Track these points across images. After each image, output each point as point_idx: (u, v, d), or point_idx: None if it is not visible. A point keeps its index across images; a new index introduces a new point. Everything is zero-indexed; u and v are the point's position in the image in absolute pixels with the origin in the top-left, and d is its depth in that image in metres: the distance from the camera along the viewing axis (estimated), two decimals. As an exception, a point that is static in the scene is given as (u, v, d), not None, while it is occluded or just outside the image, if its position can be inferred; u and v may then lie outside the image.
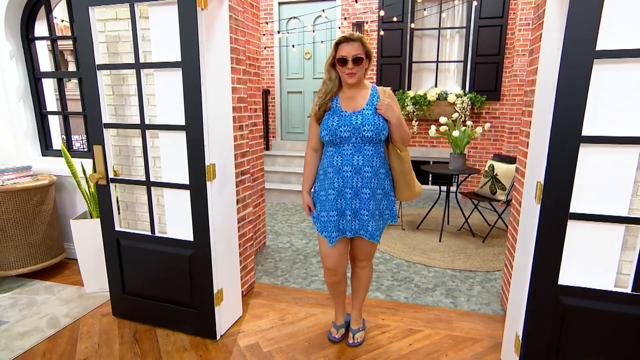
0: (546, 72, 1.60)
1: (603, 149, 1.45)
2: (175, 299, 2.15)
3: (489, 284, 2.80)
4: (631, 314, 1.50)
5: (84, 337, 2.14)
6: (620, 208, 1.48)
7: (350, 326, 2.14)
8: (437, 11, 5.15)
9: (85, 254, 2.57)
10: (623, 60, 1.38)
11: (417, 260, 3.20)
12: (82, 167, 2.70)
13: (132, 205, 2.32)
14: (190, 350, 2.03)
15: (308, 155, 1.95)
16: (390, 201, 1.88)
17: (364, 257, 1.97)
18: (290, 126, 6.14)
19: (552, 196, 1.48)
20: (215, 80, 1.94)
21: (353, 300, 2.11)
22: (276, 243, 3.64)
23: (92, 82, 1.99)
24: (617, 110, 1.42)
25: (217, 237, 2.02)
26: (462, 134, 3.64)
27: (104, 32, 2.16)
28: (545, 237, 1.52)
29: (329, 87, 1.81)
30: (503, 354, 1.94)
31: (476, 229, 3.95)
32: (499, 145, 5.16)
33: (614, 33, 1.36)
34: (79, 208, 3.06)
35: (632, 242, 1.53)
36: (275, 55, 5.88)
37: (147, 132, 1.99)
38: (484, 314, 2.40)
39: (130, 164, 2.26)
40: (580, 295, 1.54)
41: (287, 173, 5.44)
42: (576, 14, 1.35)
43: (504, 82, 5.01)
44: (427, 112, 5.12)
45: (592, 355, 1.58)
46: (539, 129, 1.68)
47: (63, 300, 2.53)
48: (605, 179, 1.47)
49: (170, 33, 1.85)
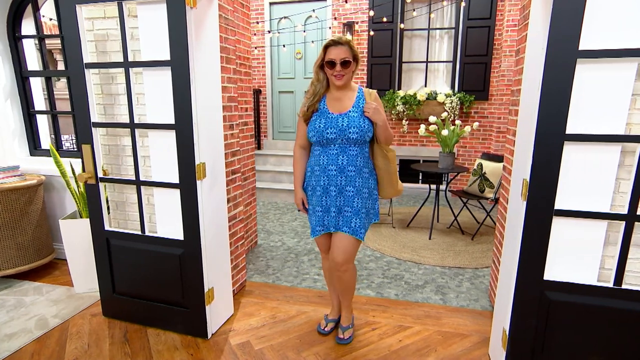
0: (532, 72, 1.63)
1: (586, 146, 1.49)
2: (166, 298, 2.14)
3: (478, 280, 2.84)
4: (613, 308, 1.54)
5: (73, 338, 2.13)
6: (603, 204, 1.52)
7: (340, 323, 2.16)
8: (426, 12, 5.19)
9: (74, 254, 2.54)
10: (604, 60, 1.42)
11: (408, 258, 3.23)
12: (71, 167, 2.68)
13: (122, 204, 2.30)
14: (182, 349, 2.03)
15: (297, 152, 2.01)
16: (374, 200, 1.93)
17: (344, 259, 1.87)
18: (282, 125, 6.14)
19: (538, 193, 1.51)
20: (205, 79, 1.94)
21: (341, 301, 2.12)
22: (267, 242, 3.65)
23: (80, 81, 1.98)
24: (599, 108, 1.46)
25: (208, 235, 2.02)
26: (451, 133, 3.69)
27: (92, 30, 2.14)
28: (530, 234, 1.55)
29: (317, 89, 1.88)
30: (491, 349, 1.97)
31: (465, 226, 4.00)
32: (488, 144, 5.23)
33: (595, 34, 1.40)
34: (68, 208, 3.03)
35: (614, 238, 1.57)
36: (266, 55, 5.87)
37: (136, 131, 1.98)
38: (473, 309, 2.43)
39: (120, 163, 2.24)
40: (564, 290, 1.58)
41: (278, 172, 5.45)
42: (560, 15, 1.38)
43: (492, 82, 5.08)
44: (417, 112, 5.16)
45: (577, 348, 1.62)
46: (524, 127, 1.71)
47: (52, 301, 2.51)
48: (588, 176, 1.51)
49: (159, 32, 1.84)
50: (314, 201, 1.92)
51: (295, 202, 2.02)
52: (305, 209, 2.00)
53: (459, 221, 3.98)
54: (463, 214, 4.30)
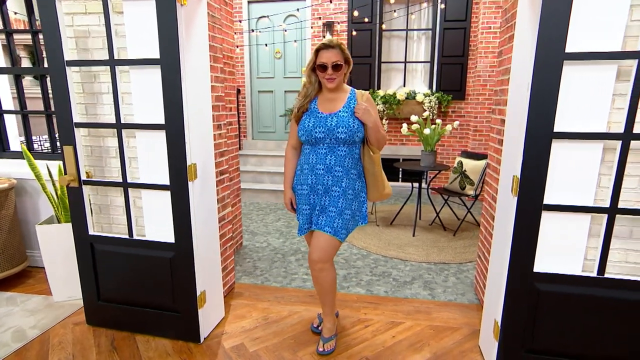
0: (520, 73, 1.70)
1: (571, 144, 1.56)
2: (155, 303, 2.08)
3: (463, 274, 2.93)
4: (597, 296, 1.63)
5: (55, 349, 2.03)
6: (587, 199, 1.61)
7: (321, 334, 2.05)
8: (404, 13, 5.29)
9: (53, 260, 2.43)
10: (588, 62, 1.50)
11: (394, 255, 3.28)
12: (47, 170, 2.55)
13: (106, 208, 2.22)
14: (174, 355, 1.97)
15: (288, 153, 2.01)
16: (360, 202, 1.93)
17: (319, 257, 1.84)
18: (262, 125, 6.08)
19: (528, 189, 1.58)
20: (195, 78, 1.90)
21: (322, 307, 2.03)
22: (253, 243, 3.61)
23: (61, 79, 1.89)
24: (583, 108, 1.54)
25: (200, 238, 1.98)
26: (433, 131, 3.77)
27: (72, 26, 2.04)
28: (521, 228, 1.61)
29: (309, 91, 1.89)
30: (481, 341, 2.04)
31: (447, 223, 4.11)
32: (465, 143, 5.39)
33: (580, 37, 1.48)
34: (43, 213, 2.88)
35: (597, 230, 1.66)
36: (245, 54, 5.80)
37: (123, 131, 1.92)
38: (460, 303, 2.51)
39: (104, 165, 2.16)
40: (552, 280, 1.65)
41: (259, 172, 5.40)
42: (548, 18, 1.44)
43: (468, 82, 5.23)
44: (397, 111, 5.25)
45: (563, 335, 1.70)
46: (513, 126, 1.78)
47: (29, 311, 2.38)
48: (573, 172, 1.59)
49: (147, 29, 1.79)
50: (302, 199, 1.93)
51: (284, 202, 2.02)
52: (294, 209, 2.00)
53: (441, 218, 4.08)
54: (444, 211, 4.42)
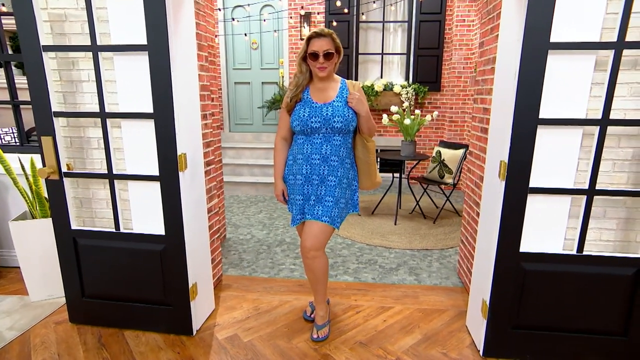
0: (506, 62, 1.76)
1: (554, 130, 1.65)
2: (145, 297, 2.03)
3: (445, 260, 3.03)
4: (576, 272, 1.74)
5: (38, 349, 1.95)
6: (567, 181, 1.70)
7: (314, 321, 2.08)
8: (382, 5, 5.33)
9: (29, 258, 2.31)
10: (569, 52, 1.58)
11: (378, 243, 3.34)
12: (20, 163, 2.41)
13: (88, 201, 2.13)
14: (166, 348, 1.94)
15: (278, 144, 1.99)
16: (352, 191, 1.96)
17: (312, 244, 1.84)
18: (239, 117, 5.99)
19: (515, 173, 1.65)
20: (184, 65, 1.85)
21: (314, 295, 2.04)
22: (236, 235, 3.57)
23: (37, 66, 1.79)
24: (565, 95, 1.63)
25: (190, 229, 1.94)
26: (413, 122, 3.85)
27: (46, 9, 1.93)
28: (509, 210, 1.69)
29: (300, 80, 1.88)
30: (468, 320, 2.13)
31: (426, 211, 4.22)
32: (441, 133, 5.53)
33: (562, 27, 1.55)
34: (12, 210, 2.73)
35: (576, 211, 1.76)
36: (221, 45, 5.67)
37: (107, 121, 1.84)
38: (445, 287, 2.60)
39: (85, 156, 2.06)
40: (537, 260, 1.75)
41: (238, 165, 5.33)
42: (534, 9, 1.51)
43: (443, 74, 5.36)
44: (375, 102, 5.31)
45: (547, 310, 1.80)
46: (499, 113, 1.85)
47: (3, 312, 2.26)
48: (556, 157, 1.68)
49: (132, 14, 1.72)
50: (295, 190, 1.92)
51: (275, 193, 2.00)
52: (285, 200, 2.00)
53: (421, 206, 4.19)
54: (423, 200, 4.53)
